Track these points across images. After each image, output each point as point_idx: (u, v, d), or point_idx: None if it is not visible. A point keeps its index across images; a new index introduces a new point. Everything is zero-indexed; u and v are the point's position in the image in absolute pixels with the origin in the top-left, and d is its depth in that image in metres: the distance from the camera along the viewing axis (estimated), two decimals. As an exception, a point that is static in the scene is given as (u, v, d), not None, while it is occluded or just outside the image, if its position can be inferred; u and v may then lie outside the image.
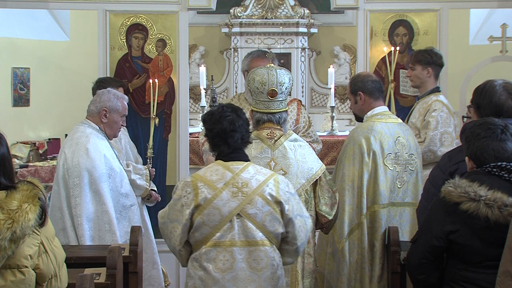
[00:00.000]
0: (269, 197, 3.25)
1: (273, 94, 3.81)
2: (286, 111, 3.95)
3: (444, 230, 3.01)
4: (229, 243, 3.21)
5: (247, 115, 3.60)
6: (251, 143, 3.59)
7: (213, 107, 4.83)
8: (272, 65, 3.97)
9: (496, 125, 3.07)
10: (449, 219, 3.00)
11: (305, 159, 3.81)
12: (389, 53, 6.15)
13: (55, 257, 2.91)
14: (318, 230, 4.02)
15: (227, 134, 3.31)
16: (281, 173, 3.71)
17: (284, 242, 3.34)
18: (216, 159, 3.38)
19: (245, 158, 3.38)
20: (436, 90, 5.30)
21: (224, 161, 3.33)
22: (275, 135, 3.81)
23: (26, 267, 2.76)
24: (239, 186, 3.24)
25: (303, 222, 3.36)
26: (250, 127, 3.55)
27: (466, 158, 3.16)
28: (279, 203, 3.25)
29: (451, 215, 2.98)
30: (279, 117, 3.86)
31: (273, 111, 3.84)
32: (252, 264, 3.21)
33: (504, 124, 3.07)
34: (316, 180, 3.81)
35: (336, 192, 3.88)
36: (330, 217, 3.82)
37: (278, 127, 3.86)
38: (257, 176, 3.28)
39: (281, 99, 3.85)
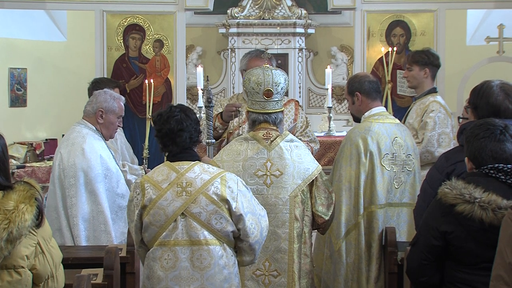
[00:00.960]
0: (214, 196, 3.26)
1: (268, 94, 3.81)
2: (282, 111, 3.94)
3: (441, 230, 3.01)
4: (173, 242, 3.25)
5: (244, 114, 3.59)
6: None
7: (209, 108, 4.83)
8: (268, 65, 3.98)
9: (495, 125, 3.05)
10: (445, 220, 3.00)
11: (301, 160, 3.80)
12: (386, 54, 6.15)
13: (52, 257, 2.89)
14: (315, 230, 4.02)
15: (175, 134, 3.34)
16: (277, 174, 3.72)
17: (237, 240, 3.36)
18: (166, 160, 3.41)
19: (193, 158, 3.39)
20: (433, 90, 5.30)
21: (171, 161, 3.36)
22: (271, 135, 3.81)
23: (23, 267, 2.75)
24: (183, 185, 3.26)
25: (256, 220, 3.35)
26: (246, 128, 3.55)
27: (466, 158, 3.16)
28: (225, 201, 3.26)
29: (447, 216, 2.98)
30: (275, 117, 3.86)
31: (269, 111, 3.84)
32: (195, 263, 3.23)
33: (504, 125, 3.06)
34: (313, 180, 3.80)
35: (332, 192, 3.87)
36: (327, 218, 3.82)
37: (274, 127, 3.85)
38: (202, 175, 3.29)
39: (276, 99, 3.84)
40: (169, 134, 3.34)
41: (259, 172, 3.69)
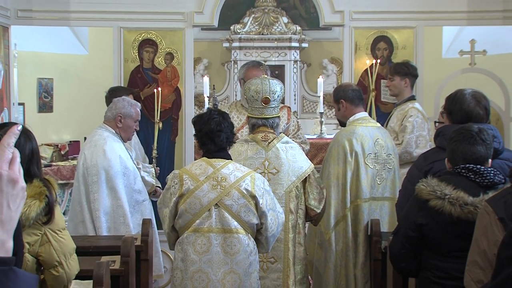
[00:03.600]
0: (244, 191, 3.27)
1: (266, 101, 3.82)
2: (279, 116, 3.96)
3: (417, 222, 3.03)
4: (207, 229, 3.25)
5: (244, 120, 3.60)
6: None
7: None
8: (266, 76, 4.00)
9: (469, 130, 3.05)
10: (420, 214, 3.01)
11: (295, 159, 3.81)
12: (371, 65, 6.16)
13: (61, 247, 2.86)
14: (308, 222, 4.03)
15: (214, 134, 3.35)
16: (274, 172, 3.73)
17: (257, 232, 3.37)
18: (202, 156, 3.41)
19: (228, 157, 3.41)
20: (412, 98, 5.31)
21: (208, 157, 3.36)
22: (268, 137, 3.82)
23: (23, 252, 2.72)
24: (219, 180, 3.28)
25: (275, 216, 3.39)
26: (246, 131, 3.57)
27: (446, 159, 3.17)
28: (254, 197, 3.28)
29: (422, 210, 2.99)
30: (272, 121, 3.87)
31: (267, 116, 3.85)
32: (226, 249, 3.24)
33: (478, 129, 3.05)
34: (306, 177, 3.82)
35: (323, 188, 3.89)
36: (318, 211, 3.83)
37: (272, 130, 3.86)
38: (236, 173, 3.31)
39: (273, 106, 3.86)
40: (208, 134, 3.35)
41: (258, 170, 3.70)
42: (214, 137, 3.35)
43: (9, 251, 1.14)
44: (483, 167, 2.97)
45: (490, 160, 3.03)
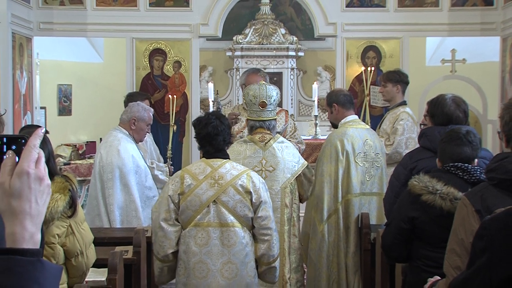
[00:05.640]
0: (240, 188, 3.25)
1: (263, 105, 3.82)
2: (275, 119, 3.96)
3: (409, 215, 3.02)
4: (206, 224, 3.23)
5: (244, 121, 3.60)
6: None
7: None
8: (263, 82, 4.01)
9: (457, 132, 3.04)
10: (413, 207, 3.00)
11: (290, 158, 3.82)
12: (365, 71, 6.16)
13: (82, 238, 2.86)
14: (302, 216, 4.05)
15: (212, 137, 3.31)
16: (271, 169, 3.74)
17: (253, 227, 3.32)
18: (202, 157, 3.41)
19: (225, 157, 3.38)
20: (403, 103, 5.30)
21: (207, 158, 3.35)
22: (265, 138, 3.82)
23: (54, 243, 2.74)
24: (216, 178, 3.25)
25: (268, 209, 3.33)
26: (246, 131, 3.56)
27: (437, 158, 3.16)
28: (249, 193, 3.26)
29: (414, 204, 2.98)
30: (269, 123, 3.88)
31: (264, 119, 3.86)
32: (223, 241, 3.23)
33: (465, 132, 3.04)
34: (299, 175, 3.85)
35: (312, 176, 3.96)
36: (306, 196, 3.97)
37: (268, 132, 3.87)
38: (232, 171, 3.29)
39: (270, 109, 3.86)
40: (206, 137, 3.31)
41: (255, 168, 3.71)
42: (212, 140, 3.32)
43: (37, 243, 1.15)
44: (470, 166, 2.97)
45: (476, 160, 3.03)
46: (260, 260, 3.33)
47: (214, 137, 3.31)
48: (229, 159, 3.39)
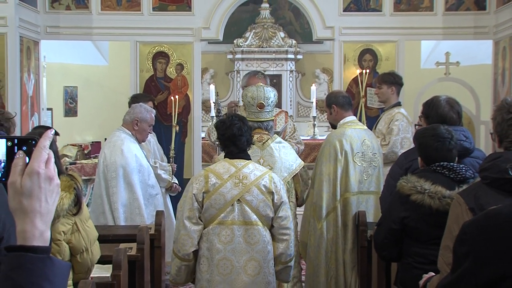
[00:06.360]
0: (263, 188, 3.25)
1: (261, 106, 3.83)
2: (273, 120, 3.96)
3: (399, 216, 3.02)
4: (230, 222, 3.23)
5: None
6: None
7: (219, 117, 4.85)
8: (261, 84, 4.02)
9: (443, 137, 3.04)
10: (403, 208, 3.00)
11: (287, 157, 3.83)
12: (361, 73, 6.15)
13: (87, 235, 2.87)
14: (300, 214, 4.05)
15: (236, 138, 3.31)
16: (268, 168, 3.74)
17: (272, 226, 3.34)
18: (225, 157, 3.39)
19: (247, 158, 3.39)
20: (398, 104, 5.30)
21: (231, 159, 3.34)
22: (263, 138, 3.83)
23: (60, 240, 2.75)
24: (240, 178, 3.25)
25: (287, 209, 3.37)
26: None
27: (419, 158, 3.16)
28: (271, 193, 3.27)
29: (404, 204, 2.99)
30: (266, 124, 3.88)
31: (262, 120, 3.86)
32: (247, 239, 3.23)
33: (450, 136, 3.05)
34: (296, 173, 3.84)
35: (309, 179, 3.95)
36: (301, 197, 3.98)
37: (266, 132, 3.87)
38: (255, 172, 3.29)
39: (268, 110, 3.86)
40: (231, 138, 3.31)
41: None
42: (236, 141, 3.32)
43: (47, 240, 1.16)
44: (455, 164, 2.97)
45: (456, 158, 3.04)
46: (278, 259, 3.33)
47: (239, 138, 3.31)
48: (250, 159, 3.39)
